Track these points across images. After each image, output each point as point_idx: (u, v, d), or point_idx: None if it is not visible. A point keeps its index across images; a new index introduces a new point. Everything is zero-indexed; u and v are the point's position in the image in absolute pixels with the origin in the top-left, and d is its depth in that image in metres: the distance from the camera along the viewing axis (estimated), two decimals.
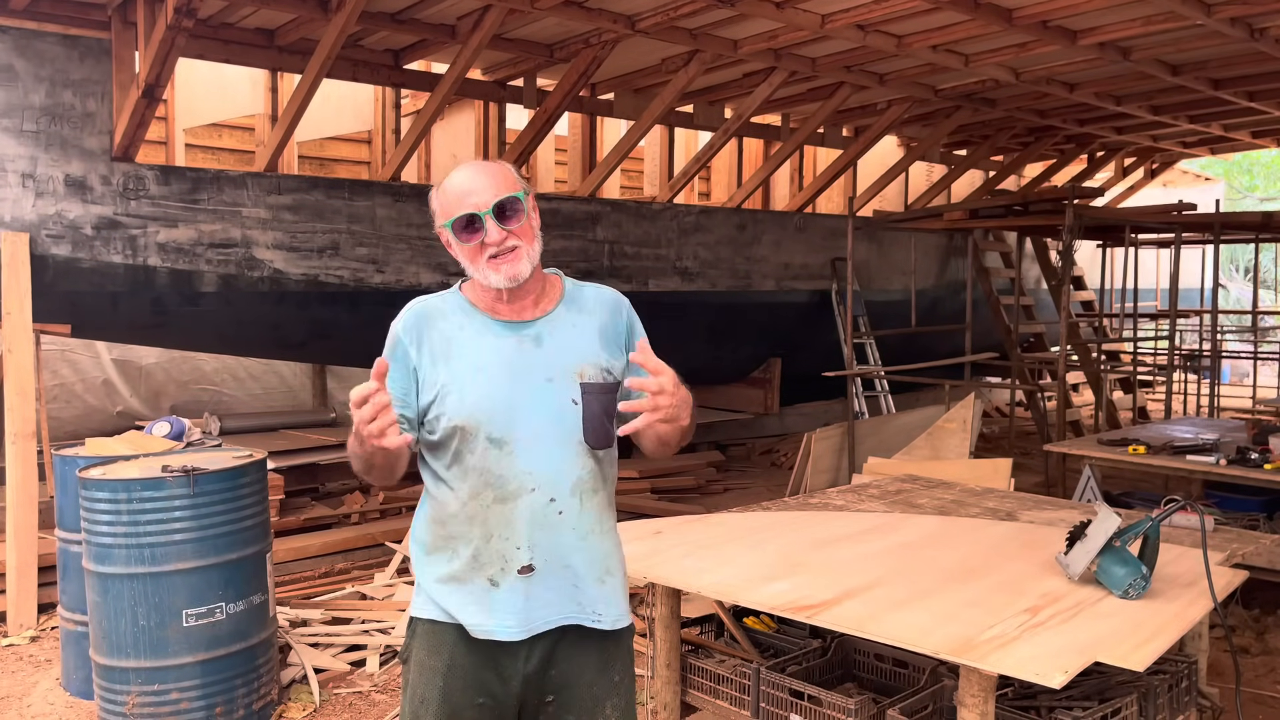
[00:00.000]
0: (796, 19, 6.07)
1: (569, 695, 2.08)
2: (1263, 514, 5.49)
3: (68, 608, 4.35)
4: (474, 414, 2.00)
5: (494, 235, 2.00)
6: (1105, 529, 2.68)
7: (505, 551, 2.02)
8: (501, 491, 2.01)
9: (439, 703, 2.05)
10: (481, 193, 2.00)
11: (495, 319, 2.07)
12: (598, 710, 2.10)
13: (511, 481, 2.01)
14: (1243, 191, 24.98)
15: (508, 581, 2.02)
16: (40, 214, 5.73)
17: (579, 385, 2.03)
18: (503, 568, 2.02)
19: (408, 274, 7.02)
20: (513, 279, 2.01)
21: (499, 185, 2.02)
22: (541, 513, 2.02)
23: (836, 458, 7.73)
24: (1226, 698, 3.44)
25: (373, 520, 6.75)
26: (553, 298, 2.13)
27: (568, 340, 2.08)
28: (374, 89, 7.69)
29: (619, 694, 2.13)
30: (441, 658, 2.06)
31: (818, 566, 2.92)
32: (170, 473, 3.78)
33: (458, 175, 2.06)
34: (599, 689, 2.10)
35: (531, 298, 2.09)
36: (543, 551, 2.02)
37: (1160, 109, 9.05)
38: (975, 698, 2.30)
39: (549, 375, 2.04)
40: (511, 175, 2.06)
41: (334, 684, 4.38)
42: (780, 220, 9.55)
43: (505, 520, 2.01)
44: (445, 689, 2.05)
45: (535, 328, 2.08)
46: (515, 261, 2.01)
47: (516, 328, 2.07)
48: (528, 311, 2.09)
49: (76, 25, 5.77)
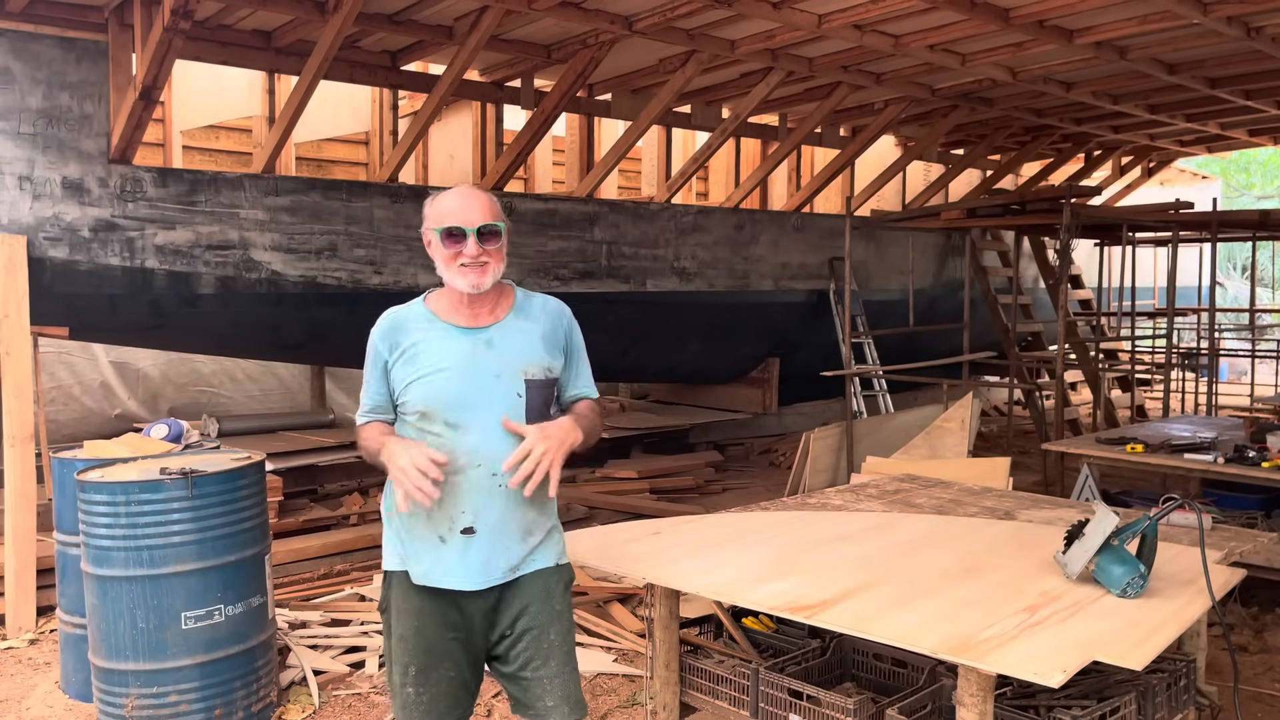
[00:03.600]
0: (793, 19, 6.07)
1: (522, 621, 2.53)
2: (1261, 512, 5.49)
3: (66, 610, 4.34)
4: (434, 402, 2.45)
5: (471, 250, 2.44)
6: (1103, 528, 2.68)
7: (453, 515, 2.46)
8: (453, 465, 2.42)
9: (415, 638, 2.49)
10: (471, 214, 2.46)
11: (454, 325, 2.51)
12: (543, 636, 2.53)
13: (462, 457, 2.43)
14: (1240, 190, 25.00)
15: (453, 539, 2.46)
16: (37, 216, 5.72)
17: (524, 381, 2.48)
18: (450, 528, 2.46)
19: (406, 275, 7.02)
20: (475, 287, 2.45)
21: (486, 213, 2.47)
22: (484, 484, 2.45)
23: (835, 457, 7.73)
24: (1225, 696, 3.44)
25: (372, 521, 6.74)
26: (505, 306, 2.56)
27: (515, 343, 2.51)
28: (371, 90, 7.68)
29: (561, 621, 2.56)
30: (413, 601, 2.49)
31: (816, 566, 2.92)
32: (169, 475, 3.78)
33: (454, 194, 2.51)
34: (543, 615, 2.53)
35: (488, 306, 2.53)
36: (482, 517, 2.46)
37: (1157, 108, 9.06)
38: (974, 697, 2.30)
39: (498, 372, 2.48)
40: (497, 208, 2.51)
41: (333, 686, 4.38)
42: (778, 220, 9.56)
43: (455, 488, 2.44)
44: (420, 627, 2.49)
45: (488, 333, 2.51)
46: (482, 274, 2.45)
47: (471, 333, 2.50)
48: (483, 318, 2.52)
49: (73, 27, 5.77)
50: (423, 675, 2.49)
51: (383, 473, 2.43)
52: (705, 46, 6.70)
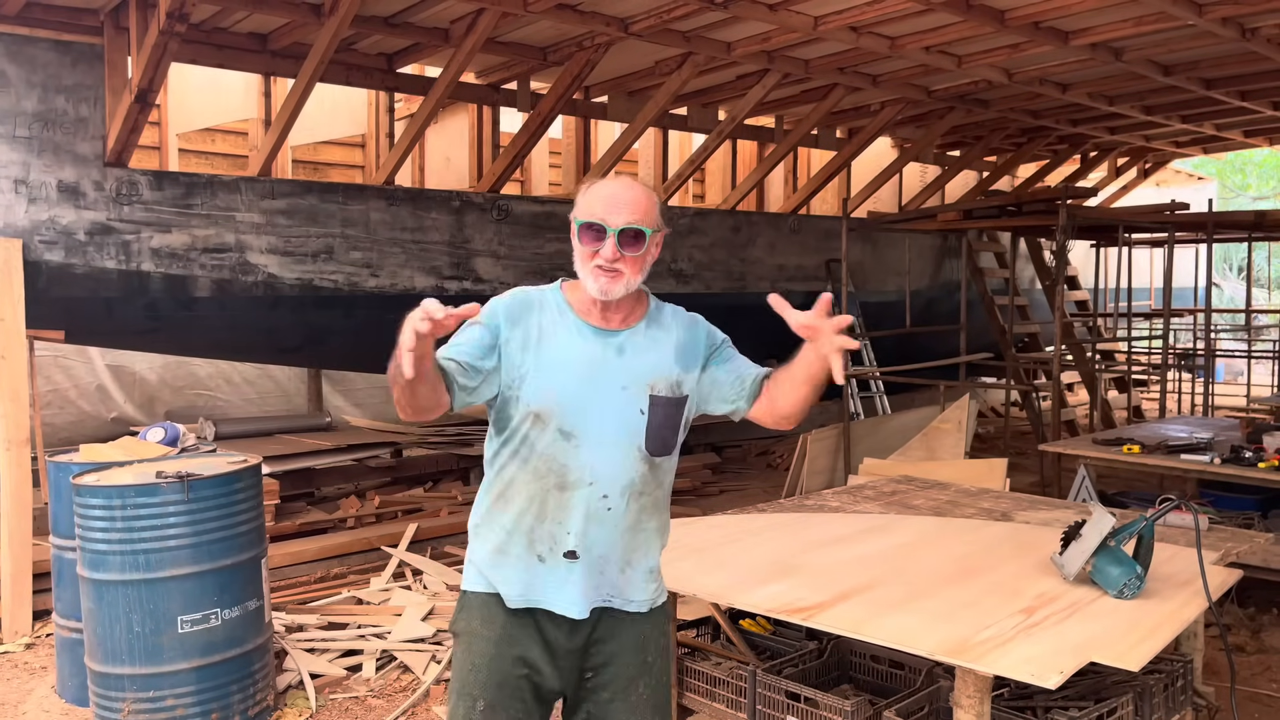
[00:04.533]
0: (789, 21, 6.08)
1: (606, 673, 2.26)
2: (1257, 512, 5.50)
3: (63, 615, 4.33)
4: (551, 403, 2.17)
5: (608, 252, 2.15)
6: (1100, 529, 2.69)
7: (556, 534, 2.20)
8: (563, 480, 2.18)
9: (488, 670, 2.21)
10: (617, 211, 2.16)
11: (586, 322, 2.24)
12: (631, 688, 2.26)
13: (573, 472, 2.18)
14: (1236, 190, 25.03)
15: (553, 561, 2.20)
16: (33, 220, 5.72)
17: (649, 397, 2.22)
18: (551, 548, 2.20)
19: (402, 278, 7.02)
20: (604, 294, 2.17)
21: (638, 214, 2.16)
22: (594, 506, 2.19)
23: (832, 459, 7.74)
24: (1222, 697, 3.44)
25: (369, 525, 6.73)
26: (639, 314, 2.29)
27: (646, 354, 2.25)
28: (368, 93, 7.68)
29: (651, 674, 2.30)
30: (494, 628, 2.22)
31: (813, 568, 2.92)
32: (165, 479, 3.77)
33: (612, 184, 2.22)
34: (633, 669, 2.27)
35: (622, 313, 2.25)
36: (587, 541, 2.19)
37: (1153, 109, 9.07)
38: (971, 699, 2.30)
39: (624, 383, 2.21)
40: (654, 211, 2.21)
41: (330, 689, 4.37)
42: (775, 222, 9.56)
43: (562, 506, 2.19)
44: (495, 656, 2.21)
45: (620, 338, 2.24)
46: (614, 281, 2.16)
47: (603, 335, 2.23)
48: (615, 323, 2.25)
49: (69, 31, 5.76)
50: (490, 711, 2.20)
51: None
52: (701, 48, 6.70)
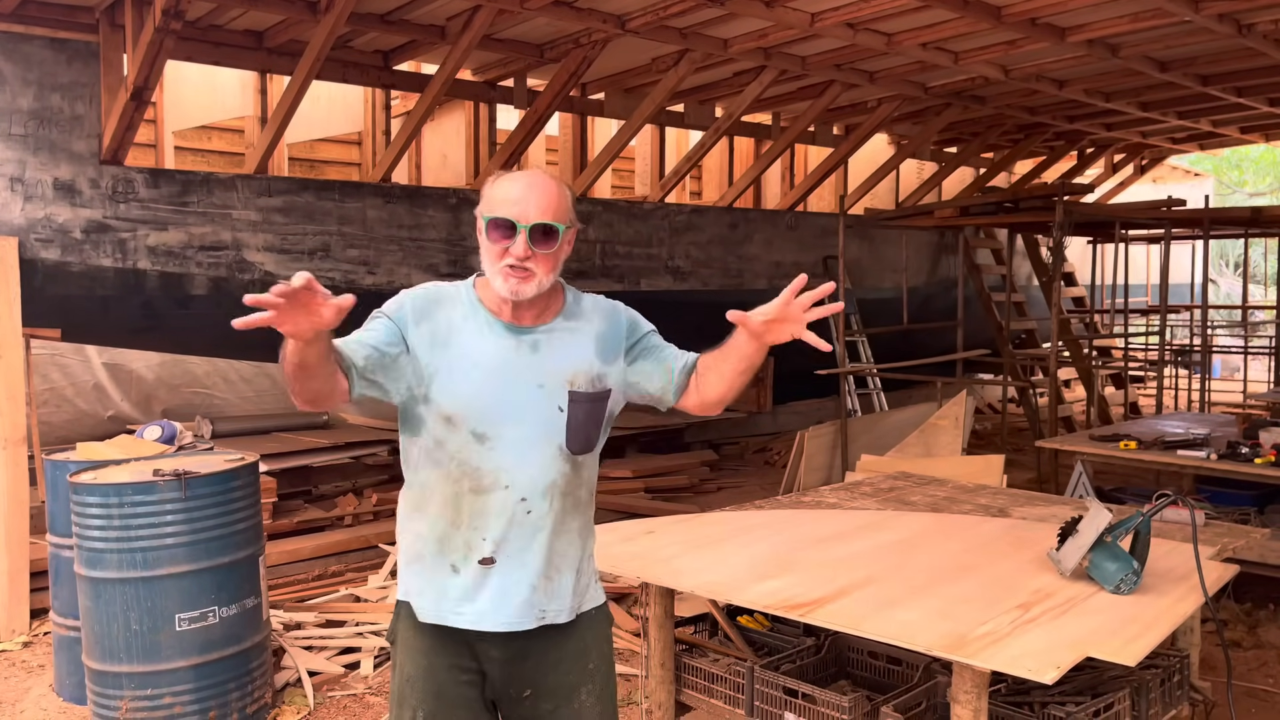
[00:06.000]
0: (786, 17, 6.07)
1: (544, 684, 2.16)
2: (1254, 508, 5.51)
3: (60, 613, 4.32)
4: (462, 405, 2.07)
5: (519, 250, 2.04)
6: (1097, 525, 2.69)
7: (471, 540, 2.09)
8: (477, 484, 2.08)
9: (424, 680, 2.13)
10: (528, 206, 2.04)
11: (498, 319, 2.13)
12: (573, 696, 2.18)
13: (488, 476, 2.08)
14: (1232, 187, 25.05)
15: (467, 569, 2.09)
16: (29, 218, 5.71)
17: (568, 393, 2.12)
18: (465, 555, 2.09)
19: (399, 275, 7.01)
20: (514, 294, 2.06)
21: (549, 209, 2.06)
22: (511, 509, 2.08)
23: (829, 455, 7.74)
24: (1219, 692, 3.45)
25: (366, 522, 6.72)
26: (554, 308, 2.18)
27: (564, 349, 2.15)
28: (364, 90, 7.67)
29: (595, 680, 2.21)
30: (424, 638, 2.13)
31: (811, 564, 2.92)
32: (162, 477, 3.77)
33: (521, 179, 2.10)
34: (573, 676, 2.18)
35: (536, 309, 2.15)
36: (505, 546, 2.09)
37: (1149, 105, 9.08)
38: (968, 694, 2.30)
39: (540, 381, 2.11)
40: (565, 206, 2.10)
41: (328, 687, 4.37)
42: (771, 219, 9.56)
43: (477, 511, 2.08)
44: (429, 666, 2.13)
45: (534, 335, 2.14)
46: (524, 281, 2.05)
47: (517, 332, 2.13)
48: (528, 319, 2.14)
49: (64, 28, 5.75)
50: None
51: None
52: (698, 45, 6.70)
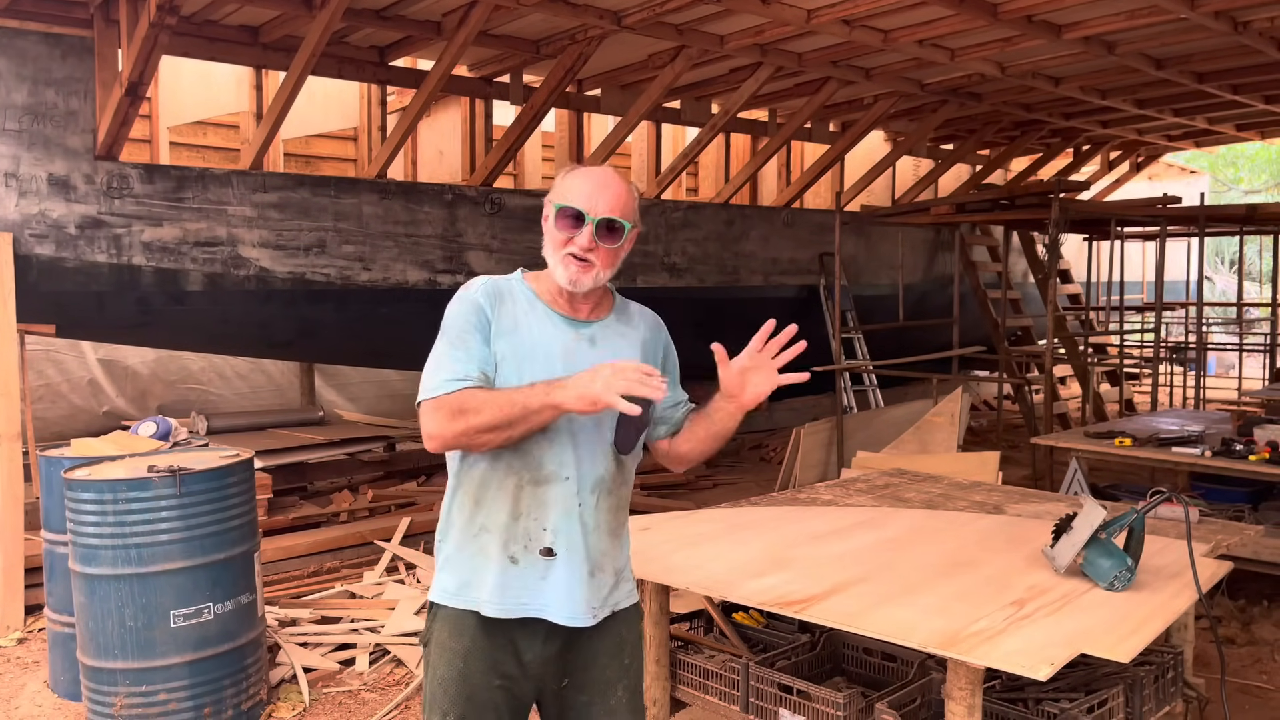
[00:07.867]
0: (783, 14, 6.07)
1: (583, 677, 2.19)
2: (1248, 505, 5.53)
3: (55, 609, 4.32)
4: None
5: (584, 240, 2.09)
6: (1091, 521, 2.69)
7: (532, 531, 2.09)
8: (538, 474, 2.09)
9: (458, 684, 2.12)
10: (598, 200, 2.10)
11: (555, 311, 2.17)
12: (609, 691, 2.21)
13: (548, 465, 2.09)
14: (1228, 184, 25.08)
15: (528, 560, 2.09)
16: (24, 213, 5.69)
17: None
18: (526, 545, 2.09)
19: (395, 272, 7.00)
20: (572, 284, 2.11)
21: (618, 206, 2.11)
22: (569, 502, 2.10)
23: (825, 452, 7.75)
24: (1212, 688, 3.46)
25: (361, 519, 6.73)
26: (606, 306, 2.25)
27: (617, 348, 2.18)
28: (360, 86, 7.66)
29: (629, 676, 2.24)
30: (463, 640, 2.12)
31: (806, 561, 2.93)
32: (156, 473, 3.76)
33: (595, 174, 2.15)
34: (611, 671, 2.21)
35: (590, 303, 2.21)
36: (563, 538, 2.10)
37: (1145, 103, 9.09)
38: (963, 690, 2.31)
39: None
40: (633, 206, 2.16)
41: (323, 683, 4.37)
42: (768, 216, 9.56)
43: (538, 502, 2.09)
44: (465, 670, 2.12)
45: (590, 329, 2.19)
46: (584, 272, 2.11)
47: (574, 324, 2.18)
48: (584, 312, 2.20)
49: (59, 23, 5.73)
50: None
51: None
52: (694, 41, 6.69)
